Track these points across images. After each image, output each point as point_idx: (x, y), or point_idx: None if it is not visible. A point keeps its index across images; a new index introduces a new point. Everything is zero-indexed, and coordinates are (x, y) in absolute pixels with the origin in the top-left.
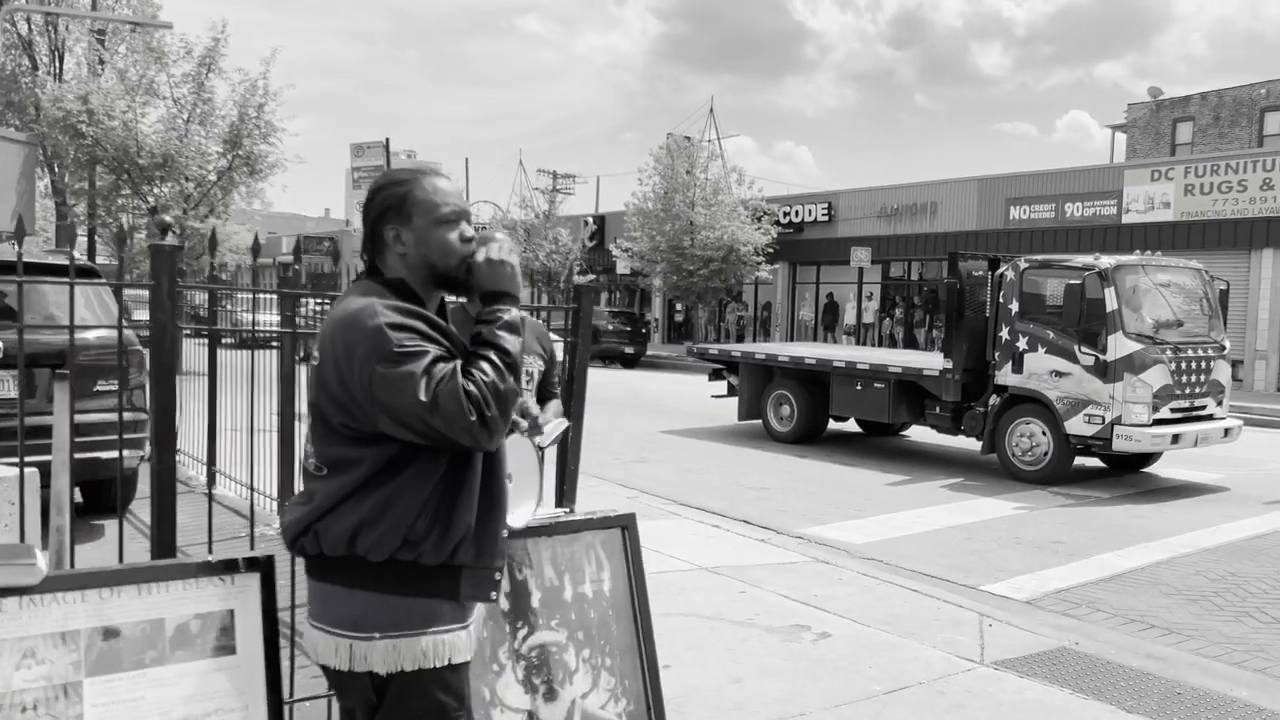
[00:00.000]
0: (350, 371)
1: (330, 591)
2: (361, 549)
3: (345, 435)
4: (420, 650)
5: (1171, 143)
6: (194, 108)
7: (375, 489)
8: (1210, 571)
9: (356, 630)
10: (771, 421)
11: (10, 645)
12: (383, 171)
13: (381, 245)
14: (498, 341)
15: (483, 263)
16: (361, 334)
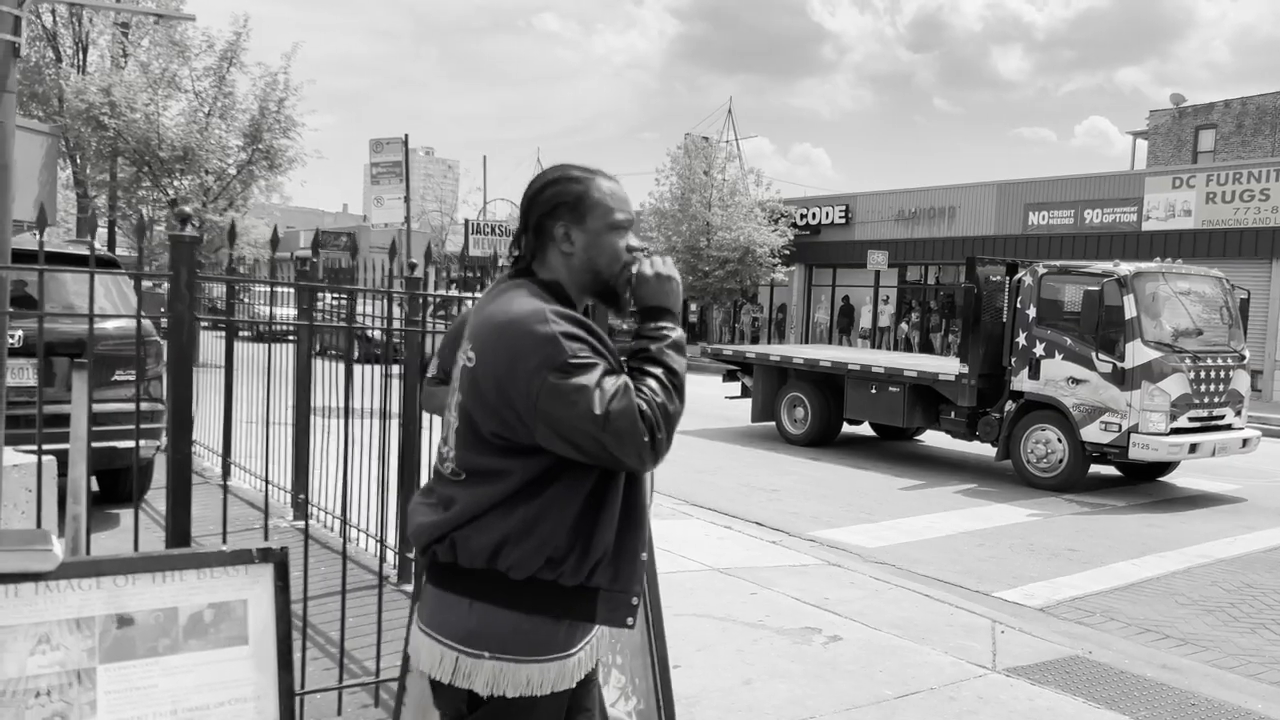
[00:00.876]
0: (514, 380)
1: (450, 601)
2: (503, 565)
3: (496, 445)
4: (524, 678)
5: (1194, 150)
6: (215, 101)
7: (522, 503)
8: (1226, 582)
9: (467, 645)
10: (785, 423)
11: (25, 630)
12: (554, 165)
13: (546, 241)
14: (666, 361)
15: (651, 276)
16: (532, 341)
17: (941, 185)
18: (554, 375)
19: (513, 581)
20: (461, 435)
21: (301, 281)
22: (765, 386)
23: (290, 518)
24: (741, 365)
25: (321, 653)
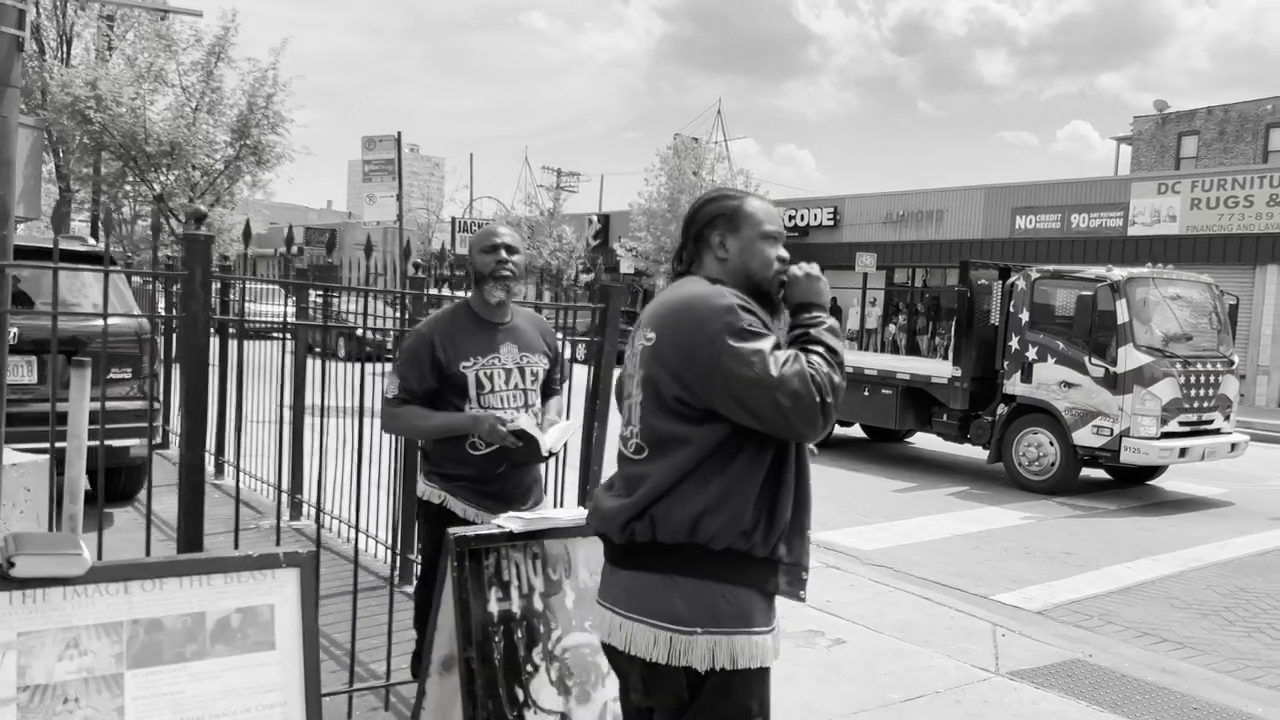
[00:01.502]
0: (696, 344)
1: (648, 582)
2: (703, 537)
3: (676, 411)
4: (738, 648)
5: (1176, 156)
6: (202, 96)
7: (714, 476)
8: (1220, 586)
9: (678, 624)
10: None
11: (54, 636)
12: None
13: (704, 248)
14: (826, 341)
15: (801, 276)
16: (714, 310)
17: (930, 188)
18: (733, 339)
19: (712, 553)
20: (646, 406)
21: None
22: None
23: (287, 518)
24: None
25: (326, 655)
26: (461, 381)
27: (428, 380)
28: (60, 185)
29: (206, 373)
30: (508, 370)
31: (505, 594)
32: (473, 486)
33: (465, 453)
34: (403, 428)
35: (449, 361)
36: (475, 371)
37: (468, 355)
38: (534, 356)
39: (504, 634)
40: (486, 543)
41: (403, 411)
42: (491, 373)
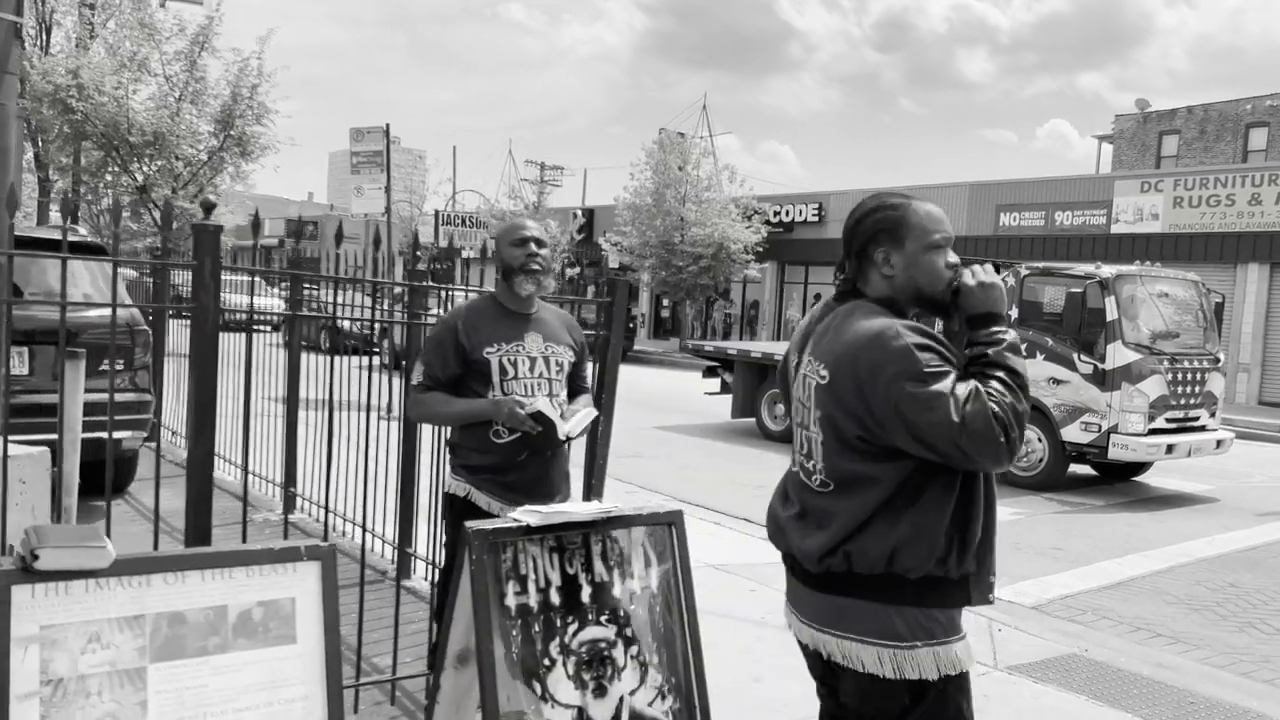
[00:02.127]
0: (874, 389)
1: (860, 608)
2: (900, 569)
3: (860, 450)
4: (956, 655)
5: (1157, 155)
6: (186, 86)
7: (905, 510)
8: (1210, 581)
9: (899, 641)
10: (765, 420)
11: (77, 629)
12: (872, 195)
13: (868, 266)
14: (1007, 363)
15: (974, 286)
16: (889, 354)
17: (915, 185)
18: (911, 384)
19: (912, 581)
20: (827, 446)
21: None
22: (746, 383)
23: (279, 511)
24: (722, 362)
25: None
26: (485, 368)
27: (451, 366)
28: (39, 175)
29: (216, 365)
30: (532, 358)
31: (523, 588)
32: (497, 478)
33: (489, 441)
34: (426, 414)
35: (472, 347)
36: (499, 357)
37: (492, 341)
38: (559, 348)
39: (521, 628)
40: (504, 536)
41: (427, 398)
42: (515, 359)
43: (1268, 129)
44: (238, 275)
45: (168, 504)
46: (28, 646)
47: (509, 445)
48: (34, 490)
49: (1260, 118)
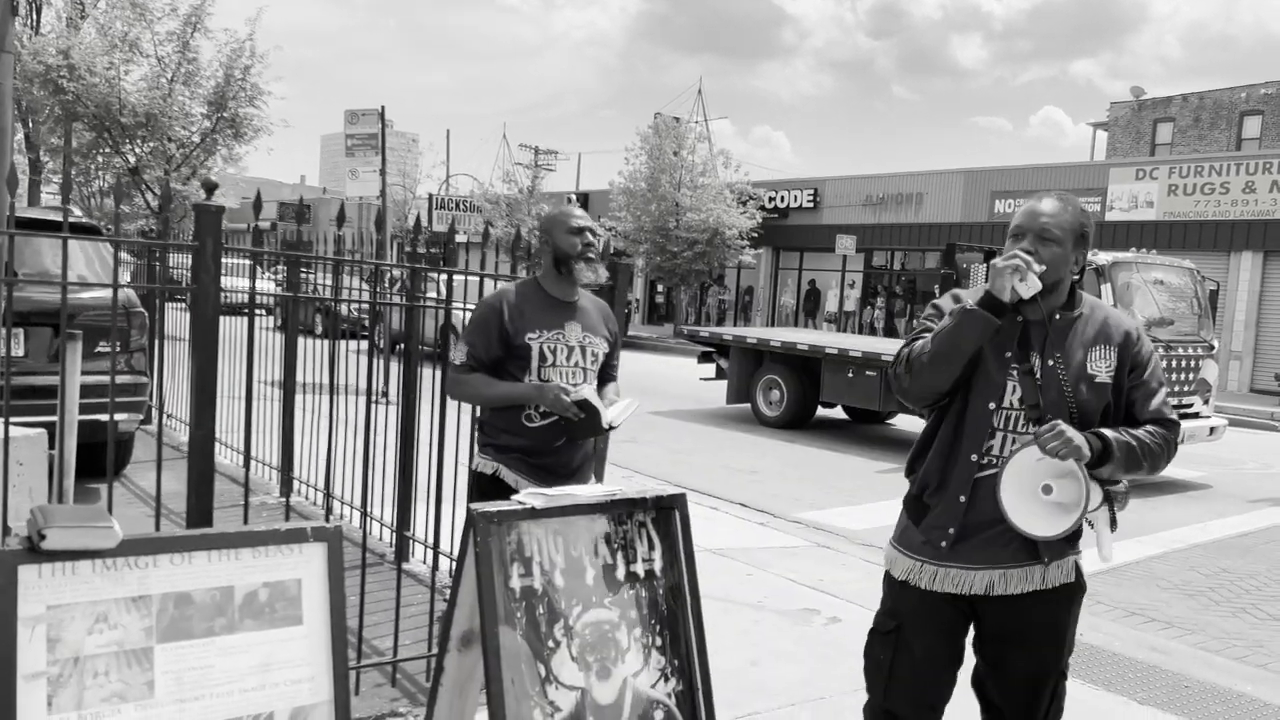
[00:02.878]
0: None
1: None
2: None
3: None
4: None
5: (1151, 142)
6: (179, 67)
7: None
8: (1203, 567)
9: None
10: (761, 405)
11: (84, 609)
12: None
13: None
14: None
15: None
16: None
17: (910, 171)
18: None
19: None
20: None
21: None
22: (741, 369)
23: (276, 494)
24: (717, 347)
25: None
26: (526, 353)
27: (494, 349)
28: (30, 156)
29: (217, 347)
30: (570, 347)
31: (527, 570)
32: (526, 459)
33: (521, 424)
34: (468, 394)
35: (516, 332)
36: (540, 344)
37: (535, 327)
38: (596, 339)
39: (526, 610)
40: (509, 518)
41: (470, 379)
42: (555, 347)
43: (1262, 117)
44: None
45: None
46: (34, 626)
47: (541, 430)
48: (32, 472)
49: (1254, 106)
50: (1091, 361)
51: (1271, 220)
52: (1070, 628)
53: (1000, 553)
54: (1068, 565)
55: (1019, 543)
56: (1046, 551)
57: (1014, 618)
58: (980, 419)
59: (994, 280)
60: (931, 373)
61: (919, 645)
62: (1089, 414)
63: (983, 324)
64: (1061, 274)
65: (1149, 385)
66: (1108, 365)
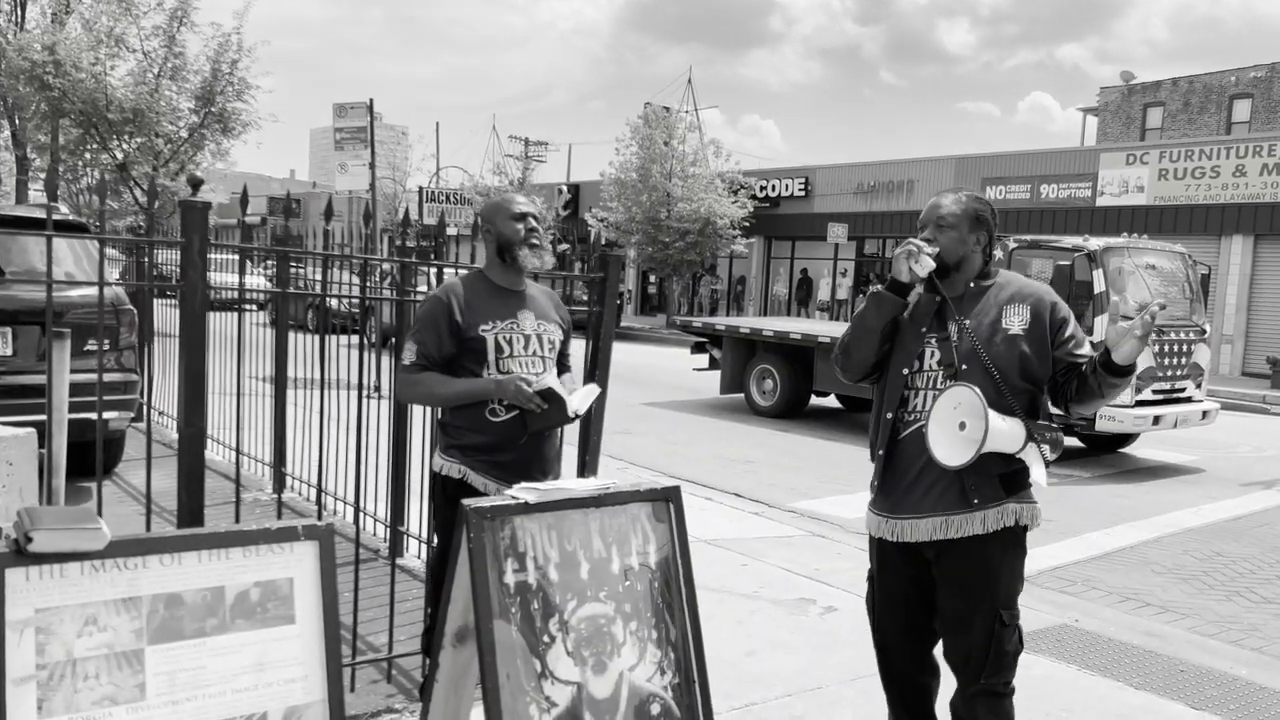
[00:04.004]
0: None
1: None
2: None
3: None
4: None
5: (1142, 127)
6: (165, 62)
7: None
8: (1197, 551)
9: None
10: (754, 395)
11: (73, 612)
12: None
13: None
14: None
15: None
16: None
17: (900, 159)
18: None
19: None
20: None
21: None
22: (734, 359)
23: (269, 490)
24: (710, 337)
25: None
26: (480, 345)
27: (446, 345)
28: (17, 154)
29: (205, 344)
30: (526, 336)
31: (521, 565)
32: (492, 458)
33: (485, 420)
34: (421, 395)
35: (468, 325)
36: (495, 335)
37: (487, 319)
38: (550, 325)
39: (520, 605)
40: (502, 514)
41: (422, 378)
42: (511, 337)
43: (1251, 100)
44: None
45: (157, 484)
46: (23, 630)
47: (505, 424)
48: (21, 472)
49: (1244, 89)
50: (1005, 318)
51: (1262, 204)
52: (1004, 571)
53: (937, 501)
54: (1006, 512)
55: (951, 492)
56: (975, 494)
57: (951, 561)
58: (896, 382)
59: (894, 265)
60: (854, 349)
61: (886, 588)
62: (1004, 363)
63: (889, 303)
64: (963, 253)
65: (1076, 338)
66: (1021, 320)
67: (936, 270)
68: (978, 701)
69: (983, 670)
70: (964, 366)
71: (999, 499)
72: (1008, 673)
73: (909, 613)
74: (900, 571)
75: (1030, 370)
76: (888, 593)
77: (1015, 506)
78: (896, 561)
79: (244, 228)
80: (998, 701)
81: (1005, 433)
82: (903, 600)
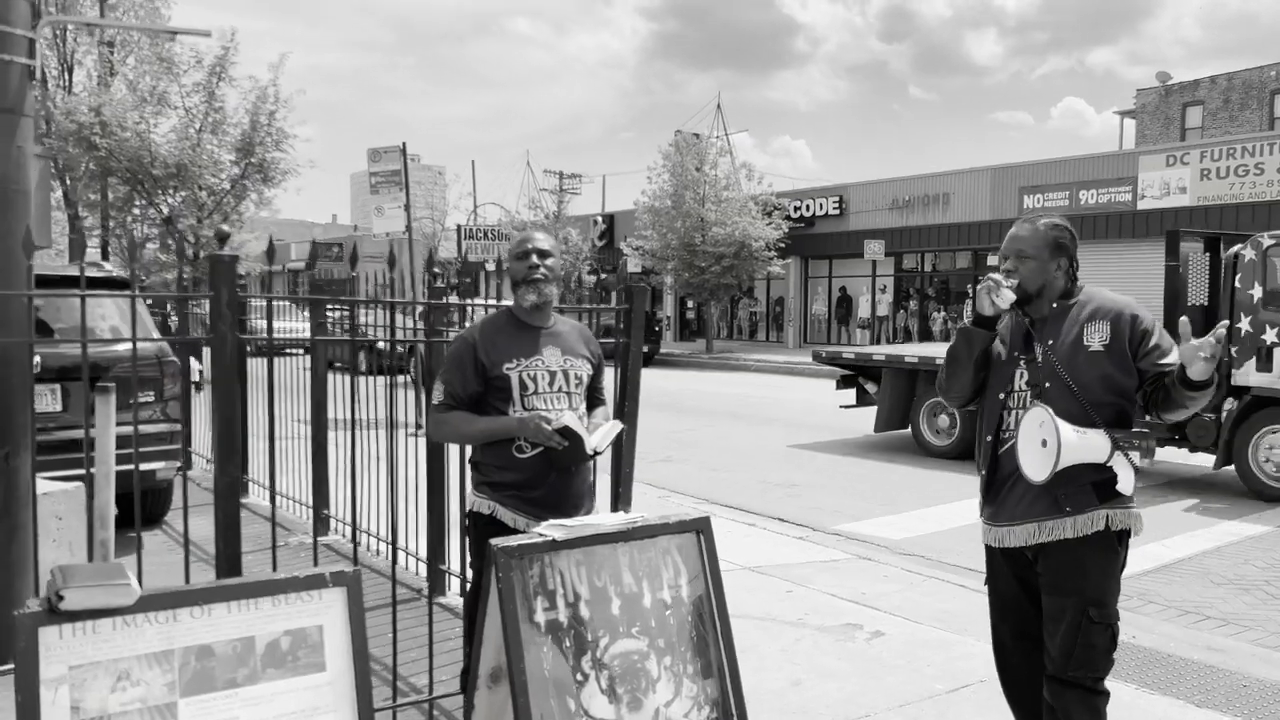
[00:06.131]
0: None
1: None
2: None
3: None
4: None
5: (1181, 127)
6: (205, 116)
7: None
8: (1259, 560)
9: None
10: (925, 433)
11: (105, 667)
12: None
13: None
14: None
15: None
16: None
17: (935, 172)
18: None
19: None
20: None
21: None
22: (896, 392)
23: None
24: (862, 369)
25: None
26: (505, 384)
27: (471, 384)
28: (69, 212)
29: (237, 394)
30: (551, 373)
31: (551, 603)
32: (521, 494)
33: (512, 457)
34: (449, 434)
35: (492, 364)
36: (519, 373)
37: (511, 357)
38: (577, 360)
39: (552, 643)
40: (530, 552)
41: (449, 417)
42: (535, 374)
43: None
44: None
45: (202, 531)
46: (57, 688)
47: (532, 461)
48: (70, 526)
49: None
50: (1086, 336)
51: None
52: (1094, 571)
53: (1030, 508)
54: (1097, 517)
55: (1044, 500)
56: (1067, 502)
57: (1047, 561)
58: (994, 407)
59: (977, 300)
60: (950, 380)
61: (998, 591)
62: (1085, 379)
63: (977, 337)
64: (1044, 280)
65: (1161, 347)
66: (1101, 337)
67: (1018, 300)
68: (1068, 694)
69: (1068, 663)
70: (1048, 385)
71: (1091, 505)
72: (1097, 668)
73: (1019, 616)
74: (1007, 576)
75: (1115, 384)
76: (998, 596)
77: (1107, 511)
78: (1004, 567)
79: (270, 277)
80: (1089, 696)
81: (1081, 445)
82: (1013, 604)
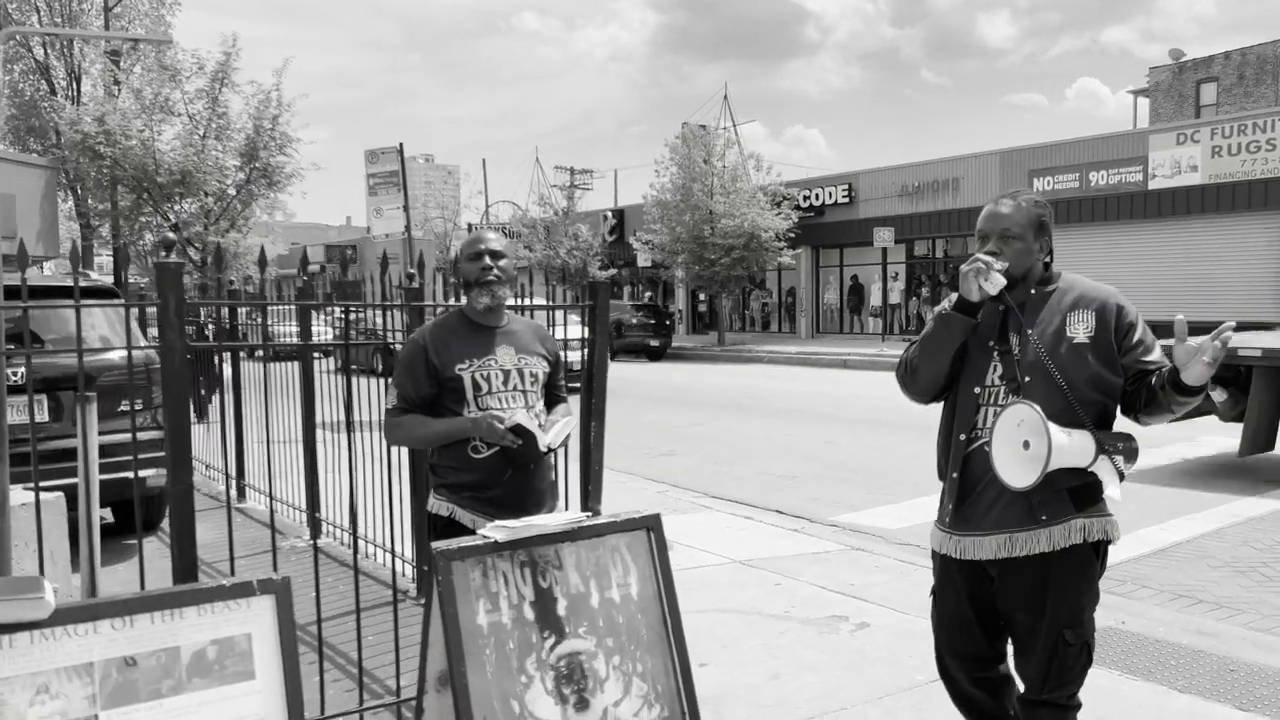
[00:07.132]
0: None
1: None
2: None
3: None
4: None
5: (1196, 104)
6: (209, 123)
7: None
8: (1258, 541)
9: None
10: None
11: (23, 681)
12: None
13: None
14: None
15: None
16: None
17: (944, 157)
18: None
19: None
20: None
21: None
22: (1269, 400)
23: (307, 537)
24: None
25: (342, 674)
26: (458, 384)
27: (424, 387)
28: (80, 223)
29: (188, 401)
30: (505, 371)
31: (494, 605)
32: (478, 495)
33: (468, 458)
34: (404, 437)
35: (444, 365)
36: (471, 373)
37: (462, 358)
38: (532, 359)
39: (495, 646)
40: (471, 554)
41: (403, 421)
42: (489, 374)
43: None
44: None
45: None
46: None
47: (488, 461)
48: (51, 536)
49: None
50: (1070, 325)
51: None
52: (1070, 589)
53: (1001, 517)
54: (1074, 528)
55: (1016, 507)
56: (1043, 510)
57: (1015, 577)
58: (968, 402)
59: (961, 284)
60: (923, 371)
61: (944, 604)
62: (1070, 372)
63: (959, 324)
64: (1029, 263)
65: (1145, 343)
66: (1086, 327)
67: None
68: (1041, 712)
69: (1044, 685)
70: (1028, 379)
71: (1068, 514)
72: (1072, 686)
73: (964, 630)
74: (959, 589)
75: (1100, 380)
76: (945, 610)
77: (1085, 521)
78: (956, 578)
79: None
80: (1061, 714)
81: (1071, 448)
82: (959, 618)
